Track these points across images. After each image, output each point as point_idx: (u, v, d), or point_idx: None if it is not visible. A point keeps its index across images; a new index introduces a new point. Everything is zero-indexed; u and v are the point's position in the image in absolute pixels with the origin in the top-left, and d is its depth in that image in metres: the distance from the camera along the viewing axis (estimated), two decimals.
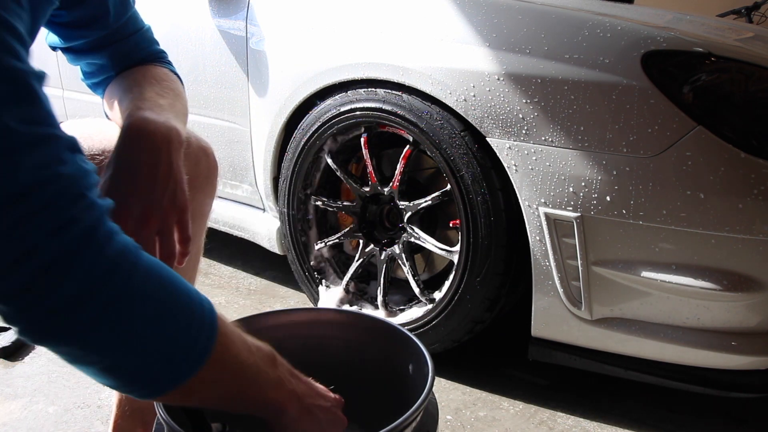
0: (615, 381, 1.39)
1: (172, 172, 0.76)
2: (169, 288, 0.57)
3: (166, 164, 0.75)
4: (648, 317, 1.22)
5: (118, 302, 0.52)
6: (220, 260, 2.20)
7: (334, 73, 1.49)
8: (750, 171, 1.10)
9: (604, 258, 1.21)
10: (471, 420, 1.35)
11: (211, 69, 1.79)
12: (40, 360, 1.53)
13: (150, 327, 0.55)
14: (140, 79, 0.90)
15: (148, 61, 0.98)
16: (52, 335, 0.52)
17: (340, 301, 1.64)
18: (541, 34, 1.23)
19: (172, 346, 0.57)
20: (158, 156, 0.75)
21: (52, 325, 0.51)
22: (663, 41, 1.16)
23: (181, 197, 0.77)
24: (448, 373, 1.50)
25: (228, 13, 1.73)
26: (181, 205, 0.78)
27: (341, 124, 1.51)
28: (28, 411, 1.33)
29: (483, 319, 1.41)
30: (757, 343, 1.19)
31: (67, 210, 0.50)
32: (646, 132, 1.14)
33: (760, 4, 3.42)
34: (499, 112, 1.25)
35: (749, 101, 1.15)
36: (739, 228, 1.11)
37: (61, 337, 0.52)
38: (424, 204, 1.47)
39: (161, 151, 0.76)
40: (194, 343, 0.58)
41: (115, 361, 0.55)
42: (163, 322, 0.56)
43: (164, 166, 0.75)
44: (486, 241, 1.33)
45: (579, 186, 1.19)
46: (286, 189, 1.65)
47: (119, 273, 0.52)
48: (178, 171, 0.77)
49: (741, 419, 1.39)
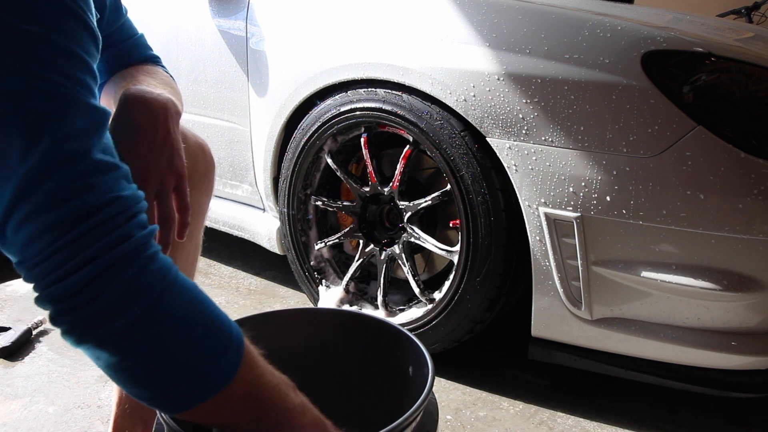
0: (615, 381, 1.39)
1: (170, 139, 0.78)
2: (200, 306, 0.61)
3: (163, 130, 0.77)
4: (648, 317, 1.22)
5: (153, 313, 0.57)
6: (220, 260, 2.20)
7: (334, 73, 1.49)
8: (750, 171, 1.10)
9: (604, 258, 1.21)
10: (471, 420, 1.35)
11: (211, 69, 1.79)
12: (40, 360, 1.53)
13: (181, 339, 0.58)
14: (134, 72, 0.92)
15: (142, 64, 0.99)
16: (92, 337, 0.56)
17: (340, 301, 1.64)
18: (541, 34, 1.23)
19: (200, 359, 0.59)
20: (155, 122, 0.77)
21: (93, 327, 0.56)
22: (663, 41, 1.16)
23: (178, 163, 0.78)
24: (448, 373, 1.51)
25: (228, 13, 1.74)
26: (178, 170, 0.78)
27: (341, 124, 1.51)
28: (28, 411, 1.33)
29: (483, 319, 1.41)
30: (757, 343, 1.19)
31: (124, 228, 0.57)
32: (646, 132, 1.14)
33: (760, 4, 3.42)
34: (499, 112, 1.25)
35: (749, 101, 1.15)
36: (739, 228, 1.11)
37: (99, 340, 0.56)
38: (424, 204, 1.47)
39: (158, 117, 0.77)
40: (222, 359, 0.60)
41: (146, 370, 0.58)
42: (193, 335, 0.59)
43: (162, 132, 0.77)
44: (486, 241, 1.33)
45: (579, 186, 1.19)
46: (286, 189, 1.65)
47: (157, 287, 0.57)
48: (175, 138, 0.79)
49: (741, 419, 1.39)
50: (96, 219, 0.55)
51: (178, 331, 0.58)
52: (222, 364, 0.60)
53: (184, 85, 1.87)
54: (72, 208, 0.55)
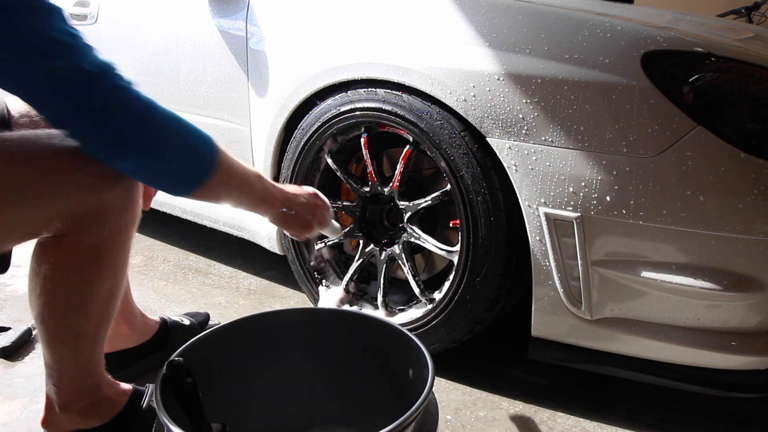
0: (615, 381, 1.39)
1: None
2: (182, 120, 0.92)
3: None
4: (648, 317, 1.22)
5: (154, 121, 0.88)
6: (220, 260, 2.20)
7: (334, 73, 1.49)
8: (750, 171, 1.10)
9: (604, 258, 1.21)
10: (471, 420, 1.35)
11: (211, 69, 1.79)
12: (40, 360, 1.52)
13: (176, 139, 0.90)
14: None
15: None
16: (121, 144, 0.87)
17: (340, 301, 1.64)
18: (541, 34, 1.23)
19: (194, 154, 0.92)
20: None
21: (120, 138, 0.86)
22: (663, 41, 1.16)
23: None
24: (448, 373, 1.51)
25: (228, 13, 1.74)
26: None
27: (341, 124, 1.51)
28: (28, 411, 1.33)
29: (483, 319, 1.41)
30: (757, 343, 1.19)
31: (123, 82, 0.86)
32: (646, 132, 1.14)
33: (760, 4, 3.42)
34: (499, 112, 1.25)
35: (749, 101, 1.15)
36: (739, 228, 1.11)
37: (124, 145, 0.87)
38: (424, 204, 1.47)
39: None
40: (208, 154, 0.94)
41: (159, 163, 0.90)
42: (186, 136, 0.92)
43: None
44: (486, 241, 1.33)
45: (579, 186, 1.20)
46: None
47: (154, 106, 0.88)
48: None
49: (741, 419, 1.39)
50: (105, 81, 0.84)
51: (172, 134, 0.90)
52: (207, 156, 0.94)
53: (184, 85, 1.87)
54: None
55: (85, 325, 1.06)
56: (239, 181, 1.00)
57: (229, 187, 0.98)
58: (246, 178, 1.01)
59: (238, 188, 1.01)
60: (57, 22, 0.82)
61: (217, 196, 0.99)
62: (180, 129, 0.91)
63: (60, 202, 0.94)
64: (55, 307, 1.03)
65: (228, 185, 0.98)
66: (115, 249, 1.03)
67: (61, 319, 1.04)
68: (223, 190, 0.98)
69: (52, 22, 0.81)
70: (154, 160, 0.90)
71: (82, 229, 0.97)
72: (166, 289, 1.97)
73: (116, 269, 1.06)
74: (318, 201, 1.19)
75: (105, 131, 0.84)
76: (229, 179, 0.97)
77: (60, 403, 1.13)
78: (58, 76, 0.80)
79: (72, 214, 0.95)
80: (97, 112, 0.83)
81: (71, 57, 0.81)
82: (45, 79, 0.80)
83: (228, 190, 0.99)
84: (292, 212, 1.12)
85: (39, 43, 0.79)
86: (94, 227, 0.98)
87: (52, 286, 1.01)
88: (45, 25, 0.80)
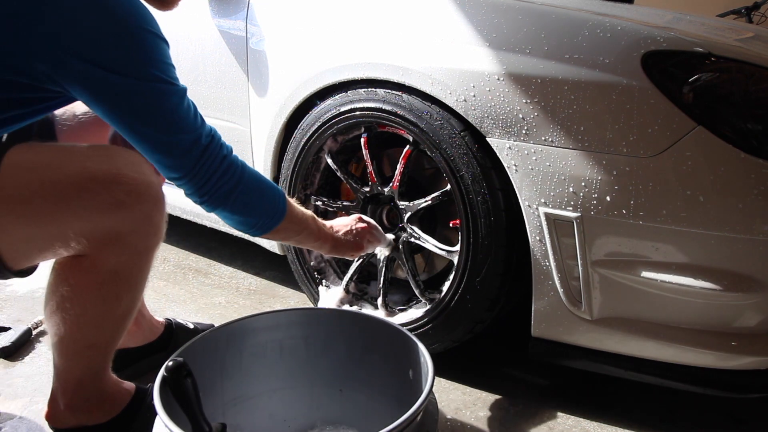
0: (615, 381, 1.39)
1: None
2: (263, 179, 1.11)
3: None
4: (648, 317, 1.22)
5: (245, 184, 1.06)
6: (220, 260, 2.20)
7: (334, 73, 1.49)
8: (750, 171, 1.10)
9: (604, 258, 1.21)
10: (471, 420, 1.35)
11: (211, 69, 1.79)
12: (40, 360, 1.53)
13: (260, 197, 1.10)
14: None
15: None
16: (220, 202, 1.04)
17: (340, 301, 1.64)
18: (541, 34, 1.23)
19: (271, 207, 1.11)
20: None
21: (220, 197, 1.04)
22: (663, 41, 1.16)
23: None
24: (448, 373, 1.51)
25: (228, 13, 1.74)
26: None
27: (341, 124, 1.51)
28: (28, 411, 1.33)
29: (483, 319, 1.41)
30: (757, 343, 1.19)
31: (226, 151, 1.06)
32: (646, 132, 1.14)
33: (760, 4, 3.42)
34: (499, 112, 1.25)
35: (749, 101, 1.15)
36: (739, 228, 1.11)
37: (223, 203, 1.05)
38: (424, 204, 1.47)
39: None
40: (280, 206, 1.13)
41: (244, 216, 1.09)
42: (267, 193, 1.11)
43: None
44: (486, 241, 1.33)
45: (579, 186, 1.19)
46: (286, 189, 1.65)
47: (246, 169, 1.08)
48: None
49: (741, 419, 1.39)
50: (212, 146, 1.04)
51: (256, 192, 1.09)
52: (279, 205, 1.12)
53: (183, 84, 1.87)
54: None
55: (99, 338, 1.11)
56: (300, 227, 1.19)
57: (289, 232, 1.17)
58: (305, 222, 1.20)
59: (297, 233, 1.19)
60: (186, 101, 0.99)
61: (282, 237, 1.19)
62: (263, 187, 1.10)
63: (78, 223, 0.99)
64: (71, 323, 1.07)
65: (289, 230, 1.17)
66: (135, 272, 1.09)
67: (76, 332, 1.09)
68: (285, 234, 1.18)
69: (183, 102, 0.98)
70: (241, 214, 1.08)
71: (102, 251, 1.03)
72: (166, 289, 1.97)
73: (134, 291, 1.11)
74: (361, 224, 1.36)
75: (210, 191, 1.03)
76: (292, 224, 1.16)
77: (64, 400, 1.14)
78: (180, 146, 0.98)
79: (92, 236, 1.01)
80: (205, 177, 1.01)
81: (192, 131, 0.99)
82: (168, 147, 0.97)
83: (287, 234, 1.18)
84: (344, 241, 1.31)
85: (172, 120, 0.97)
86: (115, 250, 1.03)
87: (70, 305, 1.06)
88: (178, 104, 0.97)
